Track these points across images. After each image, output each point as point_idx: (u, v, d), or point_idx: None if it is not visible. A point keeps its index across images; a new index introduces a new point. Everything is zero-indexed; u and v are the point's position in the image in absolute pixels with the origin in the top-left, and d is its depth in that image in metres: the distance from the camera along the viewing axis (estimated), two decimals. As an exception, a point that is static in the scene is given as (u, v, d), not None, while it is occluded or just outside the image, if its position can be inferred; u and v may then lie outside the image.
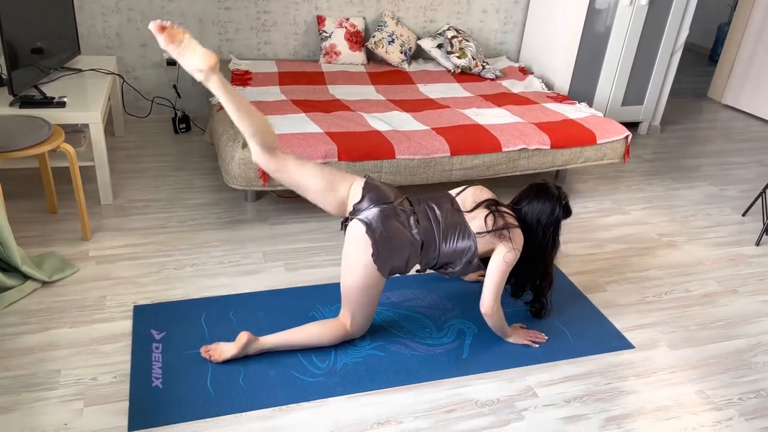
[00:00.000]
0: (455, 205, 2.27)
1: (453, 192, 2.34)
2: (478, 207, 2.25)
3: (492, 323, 2.29)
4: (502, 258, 2.18)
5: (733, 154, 4.47)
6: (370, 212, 2.10)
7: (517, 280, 2.43)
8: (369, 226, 2.07)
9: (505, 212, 2.25)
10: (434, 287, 2.66)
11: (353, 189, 2.17)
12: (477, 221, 2.21)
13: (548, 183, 2.35)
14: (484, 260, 2.26)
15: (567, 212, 2.32)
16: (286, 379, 2.09)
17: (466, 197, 2.30)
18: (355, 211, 2.13)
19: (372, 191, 2.15)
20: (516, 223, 2.25)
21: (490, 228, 2.18)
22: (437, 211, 2.22)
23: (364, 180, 2.20)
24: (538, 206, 2.29)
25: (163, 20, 1.93)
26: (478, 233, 2.18)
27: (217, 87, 1.98)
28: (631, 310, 2.64)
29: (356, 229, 2.09)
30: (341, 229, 2.22)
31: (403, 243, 2.11)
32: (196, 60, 1.95)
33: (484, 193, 2.33)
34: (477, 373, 2.22)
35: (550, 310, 2.51)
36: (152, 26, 1.90)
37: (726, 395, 2.22)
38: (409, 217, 2.16)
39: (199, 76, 1.97)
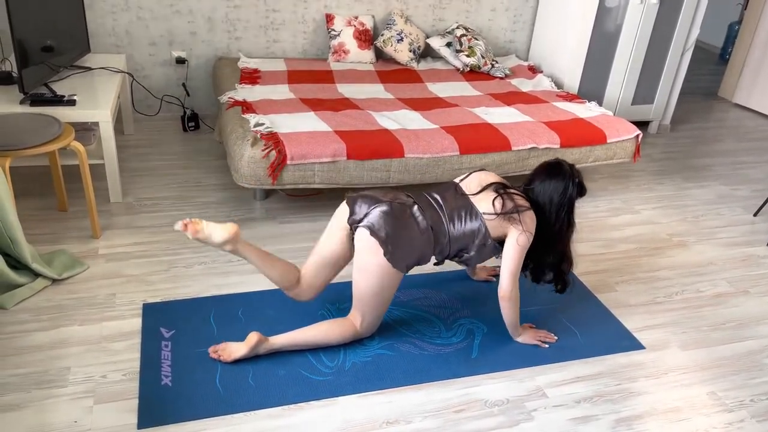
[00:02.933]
0: (459, 190, 2.25)
1: (456, 179, 2.33)
2: (485, 189, 2.21)
3: (507, 309, 2.25)
4: (515, 241, 2.15)
5: (744, 153, 4.44)
6: (371, 215, 2.10)
7: (536, 265, 2.35)
8: (371, 229, 2.07)
9: (514, 194, 2.20)
10: (443, 286, 2.66)
11: (339, 213, 2.20)
12: (484, 203, 2.18)
13: (561, 161, 2.28)
14: (501, 243, 2.21)
15: (581, 190, 2.24)
16: (295, 378, 2.09)
17: (471, 182, 2.28)
18: (355, 222, 2.14)
19: (356, 200, 2.16)
20: (527, 205, 2.19)
21: (499, 211, 2.14)
22: (439, 198, 2.21)
23: (344, 201, 2.21)
24: (550, 185, 2.22)
25: (183, 219, 2.09)
26: (486, 214, 2.15)
27: (246, 252, 2.17)
28: (642, 311, 2.62)
29: (362, 235, 2.10)
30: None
31: (412, 235, 2.10)
32: (219, 234, 2.08)
33: (490, 177, 2.29)
34: (486, 372, 2.21)
35: (573, 285, 2.43)
36: (178, 227, 2.06)
37: (738, 397, 2.20)
38: (411, 207, 2.15)
39: (228, 248, 2.13)
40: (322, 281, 2.27)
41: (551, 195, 2.22)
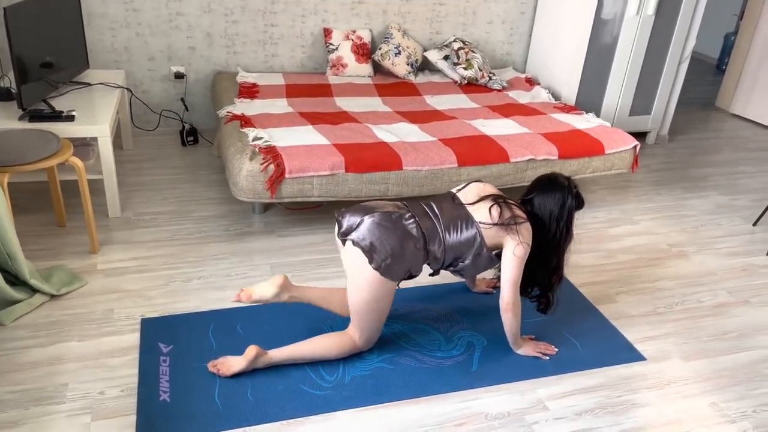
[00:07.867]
0: (456, 200, 2.25)
1: (453, 189, 2.33)
2: (483, 200, 2.22)
3: (509, 320, 2.24)
4: (512, 253, 2.15)
5: (743, 163, 4.44)
6: (360, 228, 2.10)
7: (528, 276, 2.32)
8: (354, 241, 2.08)
9: (512, 204, 2.21)
10: (443, 299, 2.65)
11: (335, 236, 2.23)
12: (481, 212, 2.18)
13: (557, 174, 2.31)
14: (498, 255, 2.22)
15: (579, 202, 2.26)
16: (294, 393, 2.08)
17: (469, 191, 2.28)
18: (344, 236, 2.14)
19: (344, 215, 2.17)
20: (524, 216, 2.20)
21: (496, 220, 2.15)
22: (435, 207, 2.21)
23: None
24: (548, 198, 2.24)
25: (239, 293, 2.21)
26: (482, 223, 2.16)
27: (303, 295, 2.28)
28: (642, 322, 2.61)
29: (348, 248, 2.11)
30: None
31: (403, 243, 2.09)
32: (269, 289, 2.20)
33: (488, 188, 2.30)
34: (487, 385, 2.19)
35: (557, 305, 2.42)
36: (233, 300, 2.23)
37: (740, 407, 2.19)
38: (403, 216, 2.14)
39: (285, 297, 2.24)
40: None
41: (551, 208, 2.24)
